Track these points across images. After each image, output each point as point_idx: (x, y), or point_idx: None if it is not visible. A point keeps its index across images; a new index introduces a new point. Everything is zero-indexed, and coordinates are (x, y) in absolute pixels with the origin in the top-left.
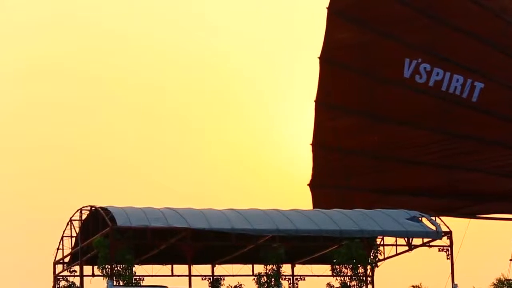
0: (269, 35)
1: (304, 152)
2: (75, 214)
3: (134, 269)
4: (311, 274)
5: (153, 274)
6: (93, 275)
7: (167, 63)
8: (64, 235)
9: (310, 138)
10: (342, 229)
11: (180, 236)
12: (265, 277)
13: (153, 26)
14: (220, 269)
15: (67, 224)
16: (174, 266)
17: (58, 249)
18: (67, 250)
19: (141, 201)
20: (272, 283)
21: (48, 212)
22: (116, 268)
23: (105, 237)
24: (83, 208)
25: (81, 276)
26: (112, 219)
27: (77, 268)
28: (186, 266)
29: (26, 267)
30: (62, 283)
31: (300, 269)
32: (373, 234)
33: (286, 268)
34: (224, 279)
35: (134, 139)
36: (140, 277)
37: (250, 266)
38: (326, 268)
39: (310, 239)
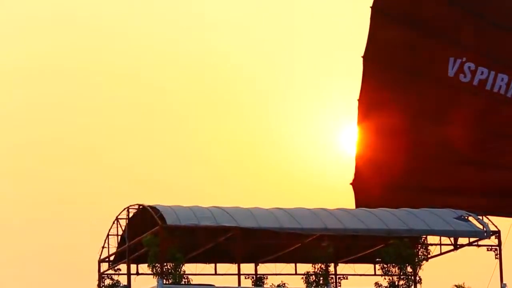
0: (269, 34)
1: (303, 152)
2: (122, 213)
3: (183, 267)
4: (354, 273)
5: (197, 272)
6: (137, 273)
7: (167, 63)
8: (110, 233)
9: (308, 138)
10: (390, 228)
11: (229, 235)
12: (313, 276)
13: (152, 25)
14: (262, 268)
15: (113, 222)
16: (217, 264)
17: (103, 247)
18: (112, 249)
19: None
20: (321, 282)
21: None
22: (166, 267)
23: (155, 236)
24: (130, 207)
25: (128, 274)
26: (161, 217)
27: (121, 266)
28: (229, 265)
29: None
30: (107, 281)
31: (342, 268)
32: (422, 233)
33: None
34: (267, 278)
35: (133, 139)
36: (185, 276)
37: (293, 265)
38: (369, 268)
39: (358, 238)
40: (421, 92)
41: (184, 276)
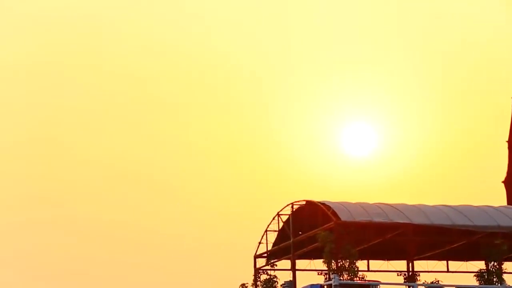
0: (268, 34)
1: (301, 151)
2: (284, 209)
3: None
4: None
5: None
6: (292, 268)
7: (168, 64)
8: (268, 229)
9: (308, 138)
10: None
11: (400, 231)
12: (486, 274)
13: (151, 25)
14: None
15: (273, 218)
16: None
17: (260, 243)
18: (267, 245)
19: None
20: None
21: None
22: (340, 263)
23: (330, 232)
24: (294, 203)
25: (294, 270)
26: (334, 214)
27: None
28: (380, 262)
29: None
30: (263, 276)
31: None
32: None
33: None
34: (419, 275)
35: (129, 138)
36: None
37: (445, 262)
38: None
39: None
40: None
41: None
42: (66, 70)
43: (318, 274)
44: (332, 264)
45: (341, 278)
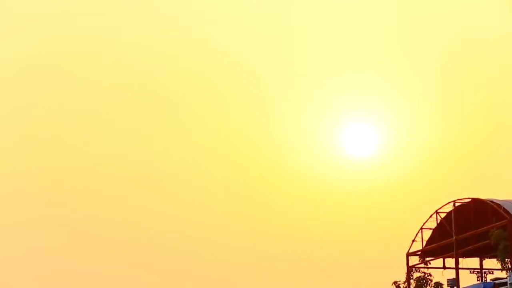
0: (269, 33)
1: (299, 149)
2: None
3: None
4: None
5: None
6: (444, 267)
7: (171, 65)
8: (423, 227)
9: (306, 140)
10: None
11: None
12: None
13: (151, 21)
14: None
15: (431, 215)
16: None
17: (413, 240)
18: (422, 242)
19: None
20: None
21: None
22: None
23: (503, 230)
24: (456, 201)
25: (457, 268)
26: (506, 211)
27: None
28: None
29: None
30: (416, 274)
31: None
32: None
33: None
34: None
35: (129, 138)
36: None
37: None
38: None
39: None
40: None
41: None
42: (65, 69)
43: (471, 272)
44: (506, 262)
45: None
